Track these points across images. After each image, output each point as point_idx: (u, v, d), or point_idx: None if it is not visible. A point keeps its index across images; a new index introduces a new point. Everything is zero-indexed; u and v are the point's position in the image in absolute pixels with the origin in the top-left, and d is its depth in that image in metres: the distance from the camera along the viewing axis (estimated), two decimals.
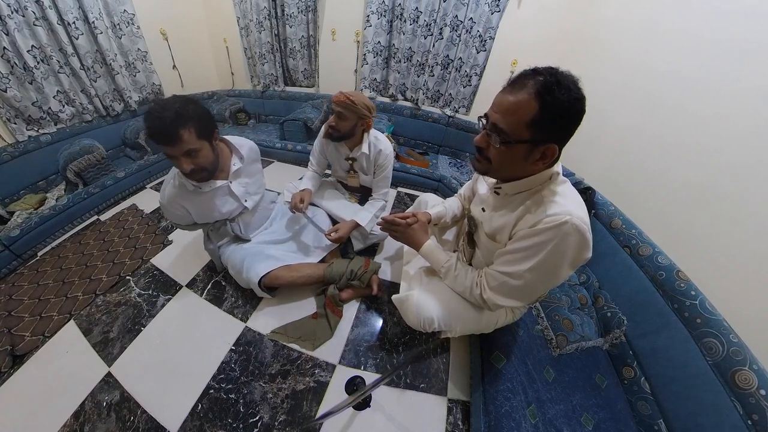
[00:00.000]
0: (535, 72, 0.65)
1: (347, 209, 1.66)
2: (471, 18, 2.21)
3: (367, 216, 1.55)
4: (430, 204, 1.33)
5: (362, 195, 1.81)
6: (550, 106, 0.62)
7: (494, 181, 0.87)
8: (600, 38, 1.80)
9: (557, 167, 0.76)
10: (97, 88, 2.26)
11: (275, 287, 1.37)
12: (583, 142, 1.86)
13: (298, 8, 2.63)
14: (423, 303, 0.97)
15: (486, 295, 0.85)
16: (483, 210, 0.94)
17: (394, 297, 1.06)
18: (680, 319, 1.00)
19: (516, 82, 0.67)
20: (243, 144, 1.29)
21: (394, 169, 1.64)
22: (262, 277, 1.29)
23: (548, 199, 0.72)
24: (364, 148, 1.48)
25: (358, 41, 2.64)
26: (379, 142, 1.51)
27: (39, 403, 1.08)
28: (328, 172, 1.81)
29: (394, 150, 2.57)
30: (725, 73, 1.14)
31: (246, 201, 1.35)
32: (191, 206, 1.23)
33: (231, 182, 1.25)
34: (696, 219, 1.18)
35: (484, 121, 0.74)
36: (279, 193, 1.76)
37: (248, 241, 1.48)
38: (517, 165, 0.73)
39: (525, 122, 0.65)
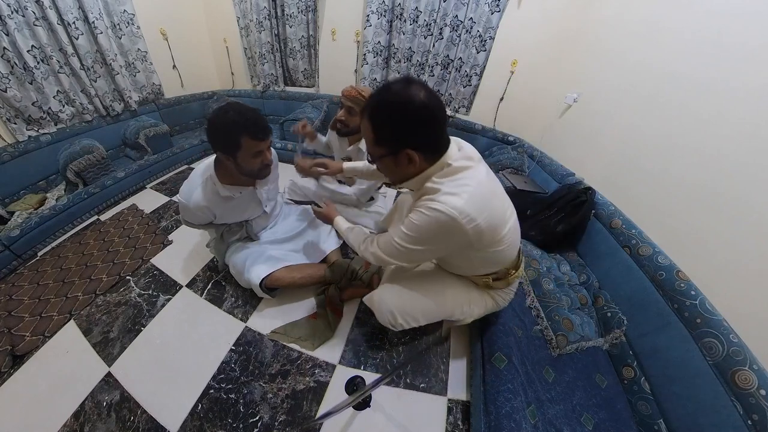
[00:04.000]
0: (369, 97, 0.77)
1: (346, 206, 1.65)
2: (471, 18, 2.21)
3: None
4: (407, 205, 1.34)
5: None
6: (378, 123, 0.74)
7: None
8: (600, 38, 1.80)
9: (449, 160, 0.78)
10: (97, 88, 2.26)
11: (276, 288, 1.37)
12: (583, 142, 1.88)
13: (298, 8, 2.63)
14: (384, 298, 1.01)
15: (372, 249, 0.95)
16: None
17: (364, 298, 1.10)
18: (680, 319, 1.00)
19: (361, 112, 0.79)
20: None
21: None
22: (263, 279, 1.29)
23: (431, 189, 0.78)
24: (362, 144, 1.47)
25: (358, 41, 2.64)
26: None
27: (39, 403, 1.08)
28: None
29: None
30: (725, 73, 1.13)
31: (266, 206, 1.41)
32: (218, 210, 1.26)
33: (257, 189, 1.31)
34: (696, 219, 1.18)
35: None
36: (281, 193, 1.77)
37: (254, 240, 1.48)
38: (396, 172, 0.82)
39: (372, 142, 0.78)
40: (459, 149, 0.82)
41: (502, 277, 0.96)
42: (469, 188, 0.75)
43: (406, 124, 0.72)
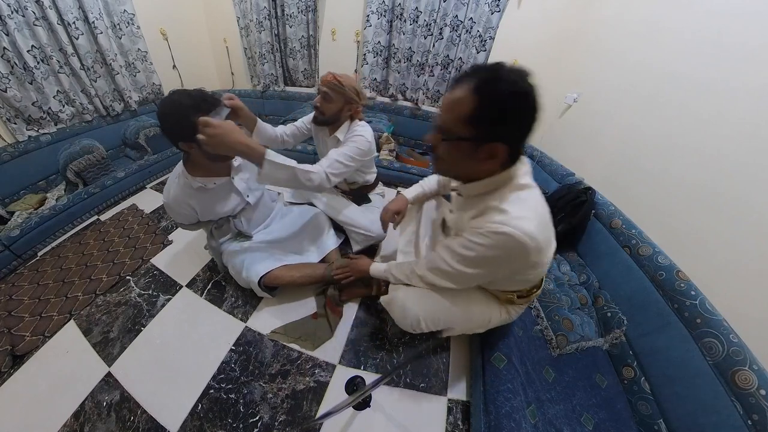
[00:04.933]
0: (477, 69, 0.64)
1: (344, 207, 1.64)
2: (471, 18, 2.21)
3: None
4: (430, 213, 1.32)
5: (354, 197, 1.78)
6: (488, 102, 0.60)
7: (456, 183, 0.87)
8: (600, 38, 1.80)
9: (518, 173, 0.73)
10: (97, 88, 2.25)
11: (275, 287, 1.37)
12: (583, 142, 1.88)
13: (298, 8, 2.62)
14: (408, 303, 0.97)
15: (420, 272, 0.92)
16: (451, 211, 0.97)
17: (382, 298, 1.06)
18: (680, 319, 1.00)
19: (459, 80, 0.66)
20: None
21: (393, 169, 1.61)
22: (262, 277, 1.29)
23: (499, 206, 0.70)
24: (339, 133, 1.38)
25: (358, 41, 2.64)
26: (361, 129, 1.35)
27: (39, 403, 1.08)
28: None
29: (394, 150, 2.57)
30: (725, 73, 1.14)
31: (248, 196, 1.36)
32: (197, 204, 1.24)
33: (233, 178, 1.27)
34: (696, 219, 1.18)
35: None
36: (279, 193, 1.76)
37: (250, 237, 1.47)
38: (464, 164, 0.72)
39: (463, 119, 0.64)
40: (524, 163, 0.75)
41: (526, 295, 0.95)
42: (537, 211, 0.71)
43: (516, 114, 0.62)
